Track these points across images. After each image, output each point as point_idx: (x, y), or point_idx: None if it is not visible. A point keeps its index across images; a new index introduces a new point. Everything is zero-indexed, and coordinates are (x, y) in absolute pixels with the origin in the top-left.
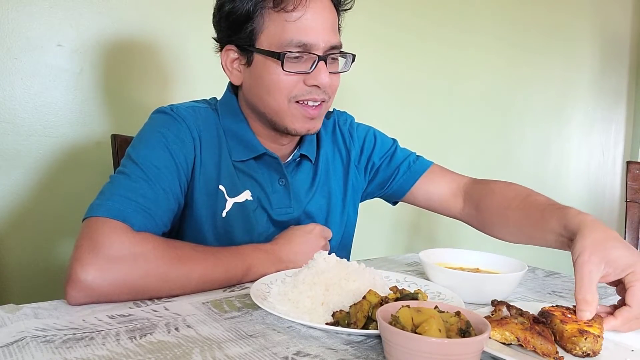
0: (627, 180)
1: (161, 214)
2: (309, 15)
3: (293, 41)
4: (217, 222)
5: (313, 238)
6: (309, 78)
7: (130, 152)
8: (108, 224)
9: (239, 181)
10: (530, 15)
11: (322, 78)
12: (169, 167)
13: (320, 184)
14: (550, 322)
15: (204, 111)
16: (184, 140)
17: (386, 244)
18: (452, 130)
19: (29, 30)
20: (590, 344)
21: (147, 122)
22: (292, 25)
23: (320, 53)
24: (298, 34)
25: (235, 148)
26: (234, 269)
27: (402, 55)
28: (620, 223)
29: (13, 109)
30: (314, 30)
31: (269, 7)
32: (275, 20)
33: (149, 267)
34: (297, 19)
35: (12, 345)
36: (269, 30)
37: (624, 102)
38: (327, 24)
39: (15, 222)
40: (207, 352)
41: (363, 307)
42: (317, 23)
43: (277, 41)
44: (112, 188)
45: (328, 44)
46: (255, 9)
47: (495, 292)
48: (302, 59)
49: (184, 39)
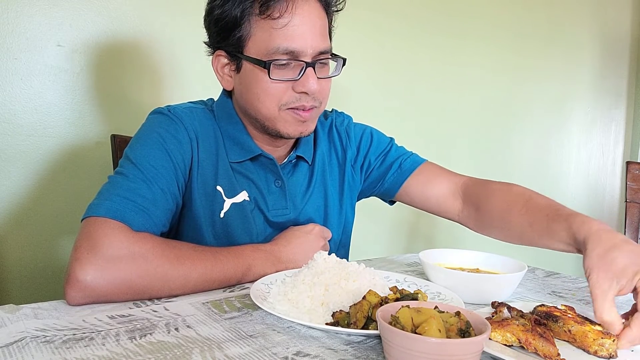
0: (627, 181)
1: (159, 214)
2: (296, 21)
3: (280, 48)
4: (216, 223)
5: (312, 238)
6: (297, 85)
7: (128, 152)
8: (107, 223)
9: (236, 182)
10: (530, 15)
11: (311, 85)
12: (166, 167)
13: (317, 185)
14: (563, 324)
15: (201, 112)
16: (181, 140)
17: (386, 244)
18: (452, 131)
19: (29, 30)
20: (614, 345)
21: (145, 123)
22: (279, 32)
23: (308, 59)
24: (285, 41)
25: (232, 149)
26: (234, 269)
27: (402, 56)
28: (620, 223)
29: (13, 109)
30: (301, 37)
31: (256, 14)
32: (262, 28)
33: (148, 266)
34: (283, 26)
35: (12, 345)
36: (256, 37)
37: (624, 102)
38: (315, 29)
39: (15, 222)
40: (207, 352)
41: (363, 307)
42: (304, 29)
43: (264, 49)
44: (110, 188)
45: (316, 49)
46: (242, 15)
47: (495, 292)
48: (290, 66)
49: (184, 40)
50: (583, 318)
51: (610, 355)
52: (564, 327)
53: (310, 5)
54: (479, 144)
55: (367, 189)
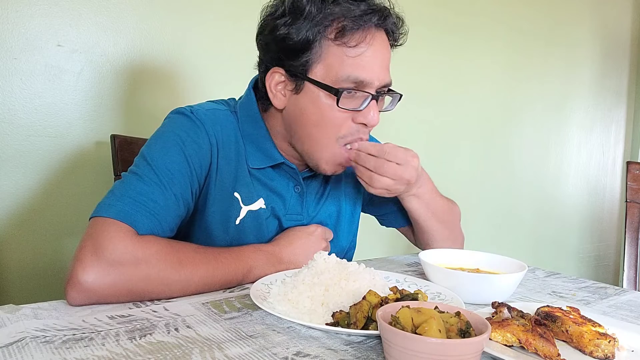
0: (627, 181)
1: (169, 220)
2: (370, 52)
3: (350, 77)
4: (230, 229)
5: (314, 239)
6: (359, 116)
7: (145, 152)
8: (114, 226)
9: (254, 189)
10: (530, 16)
11: (373, 117)
12: (182, 172)
13: (332, 193)
14: (561, 324)
15: (223, 114)
16: (201, 145)
17: (386, 244)
18: (452, 131)
19: (29, 30)
20: (611, 346)
21: (165, 122)
22: (351, 60)
23: (373, 91)
24: (356, 71)
25: (253, 154)
26: (235, 271)
27: (401, 59)
28: (620, 223)
29: (13, 109)
30: (372, 68)
31: (330, 39)
32: (334, 53)
33: (151, 271)
34: (357, 55)
35: (11, 345)
36: (327, 62)
37: (624, 102)
38: (384, 62)
39: (15, 222)
40: (207, 352)
41: (363, 307)
42: (376, 61)
43: (334, 75)
44: (123, 189)
45: (382, 82)
46: (314, 38)
47: (495, 292)
48: (354, 96)
49: (184, 40)
50: (586, 319)
51: (606, 356)
52: (561, 327)
53: (383, 39)
54: (479, 144)
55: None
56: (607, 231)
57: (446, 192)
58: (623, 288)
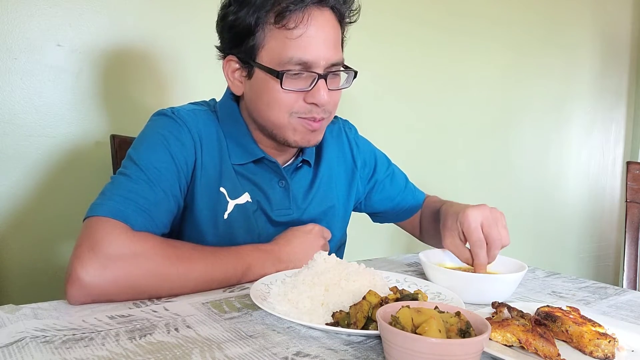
0: (627, 181)
1: (161, 216)
2: (311, 32)
3: (293, 59)
4: (219, 224)
5: (312, 238)
6: (308, 96)
7: (131, 153)
8: (108, 223)
9: (239, 184)
10: (530, 16)
11: (322, 97)
12: (169, 169)
13: (322, 187)
14: (561, 324)
15: (204, 114)
16: (184, 142)
17: (386, 244)
18: (452, 131)
19: (29, 30)
20: (611, 346)
21: (148, 124)
22: (293, 42)
23: (320, 71)
24: (298, 52)
25: (235, 151)
26: (233, 269)
27: (401, 58)
28: (620, 223)
29: (12, 109)
30: (315, 48)
31: (271, 23)
32: (276, 37)
33: (149, 266)
34: (298, 37)
35: (11, 345)
36: (270, 46)
37: (624, 102)
38: (329, 41)
39: (15, 222)
40: (207, 352)
41: (363, 307)
42: (318, 40)
43: (277, 58)
44: (113, 188)
45: (329, 61)
46: (257, 23)
47: (495, 292)
48: (302, 76)
49: (183, 40)
50: (586, 319)
51: (606, 356)
52: (561, 327)
53: (325, 17)
54: (479, 144)
55: (358, 207)
56: (607, 231)
57: (446, 193)
58: (623, 288)
